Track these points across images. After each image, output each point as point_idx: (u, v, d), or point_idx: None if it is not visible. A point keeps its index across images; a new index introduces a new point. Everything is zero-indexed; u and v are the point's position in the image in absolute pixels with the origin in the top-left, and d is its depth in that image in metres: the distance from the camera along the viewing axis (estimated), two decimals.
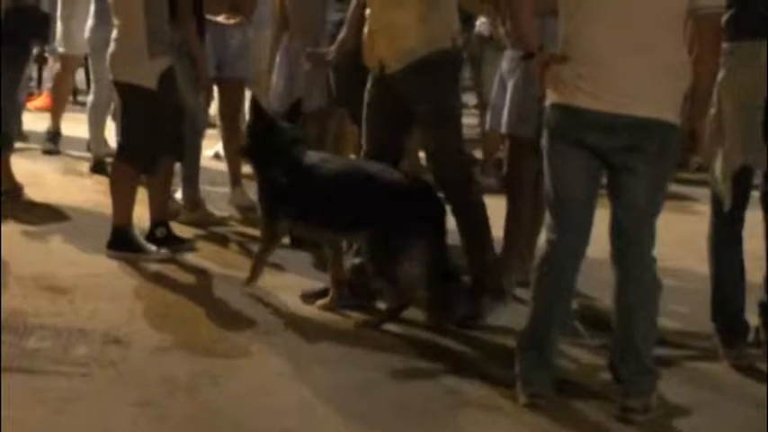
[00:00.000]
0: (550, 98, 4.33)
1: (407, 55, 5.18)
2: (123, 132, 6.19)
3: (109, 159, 7.51)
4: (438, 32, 5.17)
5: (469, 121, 10.63)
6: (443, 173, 5.33)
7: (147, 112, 5.93)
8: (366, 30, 5.39)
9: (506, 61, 5.70)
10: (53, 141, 8.83)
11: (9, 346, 4.64)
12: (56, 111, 8.95)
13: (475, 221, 5.38)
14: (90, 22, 7.86)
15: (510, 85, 5.63)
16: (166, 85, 5.94)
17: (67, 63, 8.82)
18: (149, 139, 5.99)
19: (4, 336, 4.71)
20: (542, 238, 4.59)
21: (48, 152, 8.77)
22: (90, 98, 8.24)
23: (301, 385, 4.50)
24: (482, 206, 5.41)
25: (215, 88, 6.93)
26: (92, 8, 7.81)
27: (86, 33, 7.92)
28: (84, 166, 8.27)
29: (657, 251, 4.35)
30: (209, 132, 7.79)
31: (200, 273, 5.96)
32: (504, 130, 5.74)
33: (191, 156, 6.73)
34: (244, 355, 4.80)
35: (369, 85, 5.43)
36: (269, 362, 4.75)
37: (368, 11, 5.37)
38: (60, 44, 8.83)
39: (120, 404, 4.17)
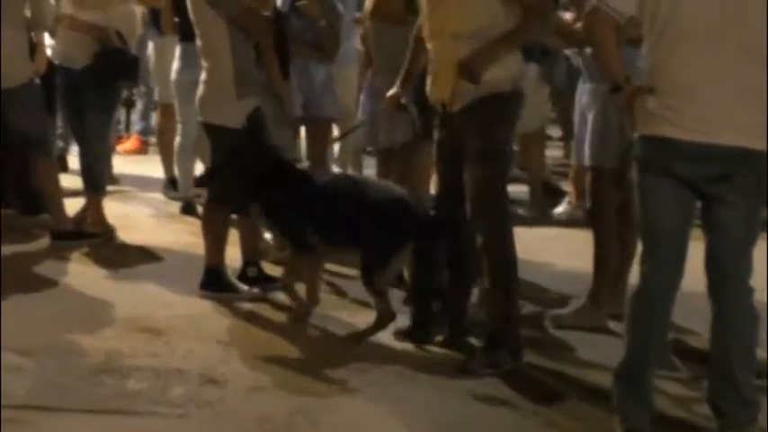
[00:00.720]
0: (639, 130, 4.32)
1: (465, 96, 5.17)
2: (215, 172, 6.25)
3: (198, 200, 7.64)
4: (496, 74, 5.13)
5: (554, 153, 10.70)
6: (474, 207, 5.21)
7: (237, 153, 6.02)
8: (429, 68, 5.42)
9: (585, 94, 5.74)
10: (173, 188, 8.74)
11: (108, 387, 4.71)
12: (166, 159, 8.85)
13: (501, 265, 5.20)
14: (176, 64, 7.98)
15: (590, 117, 5.67)
16: (255, 124, 6.02)
17: (167, 111, 8.81)
18: (240, 179, 6.06)
19: (104, 378, 4.80)
20: (635, 269, 4.56)
21: (173, 198, 8.68)
22: (177, 140, 8.33)
23: (398, 422, 4.51)
24: (511, 251, 5.22)
25: (302, 127, 6.99)
26: (177, 51, 7.93)
27: (172, 75, 8.04)
28: (175, 208, 8.38)
29: (755, 281, 4.30)
30: None
31: (292, 311, 5.98)
32: (586, 162, 5.76)
33: None
34: (339, 393, 4.82)
35: (437, 123, 5.48)
36: (365, 399, 4.76)
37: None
38: (158, 93, 8.96)
39: None
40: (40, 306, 5.83)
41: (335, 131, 7.93)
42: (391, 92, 5.90)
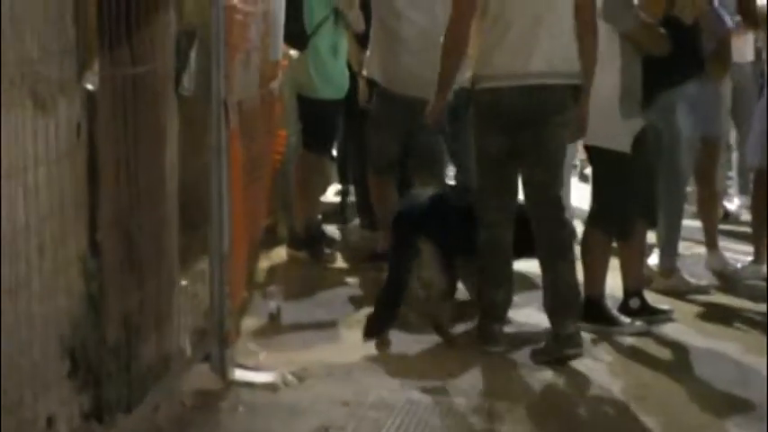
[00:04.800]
0: None
1: None
2: (596, 197, 5.86)
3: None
4: None
5: None
6: None
7: (621, 176, 5.62)
8: None
9: None
10: None
11: None
12: None
13: None
14: None
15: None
16: (639, 146, 5.59)
17: None
18: (623, 204, 5.65)
19: None
20: None
21: None
22: None
23: None
24: None
25: None
26: None
27: None
28: None
29: None
30: None
31: (680, 347, 5.51)
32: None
33: (671, 219, 6.34)
34: None
35: None
36: None
37: None
38: None
39: None
40: None
41: None
42: None
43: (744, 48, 8.20)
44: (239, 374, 4.61)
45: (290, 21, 6.16)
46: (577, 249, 5.57)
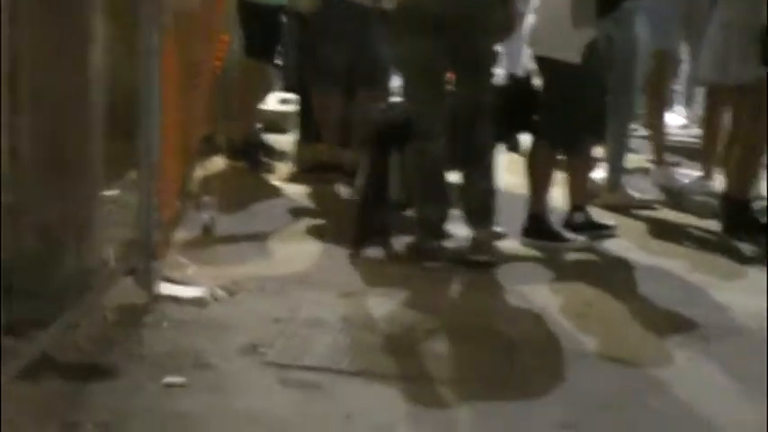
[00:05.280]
0: None
1: None
2: (544, 110, 5.63)
3: None
4: None
5: None
6: None
7: (571, 89, 5.44)
8: None
9: None
10: None
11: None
12: None
13: None
14: None
15: None
16: (591, 59, 5.42)
17: None
18: (572, 118, 5.50)
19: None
20: None
21: None
22: None
23: (742, 402, 3.88)
24: None
25: None
26: None
27: None
28: None
29: None
30: None
31: (624, 264, 5.40)
32: None
33: (619, 133, 6.21)
34: (671, 365, 4.21)
35: None
36: (702, 374, 4.14)
37: None
38: None
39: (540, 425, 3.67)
40: None
41: None
42: None
43: None
44: (166, 288, 4.42)
45: None
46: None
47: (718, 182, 6.49)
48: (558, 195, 5.80)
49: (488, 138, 5.25)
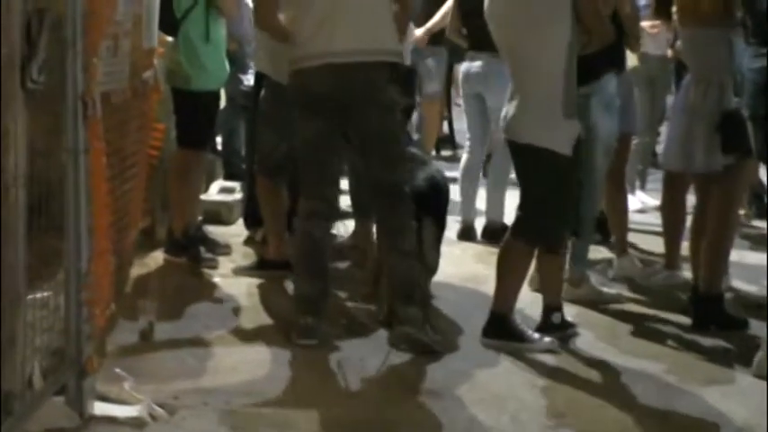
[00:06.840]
0: None
1: None
2: (524, 204, 5.18)
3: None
4: None
5: None
6: None
7: (560, 182, 5.07)
8: None
9: None
10: None
11: None
12: None
13: None
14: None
15: None
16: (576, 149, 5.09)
17: None
18: (555, 212, 5.14)
19: None
20: None
21: None
22: (464, 158, 7.60)
23: None
24: None
25: None
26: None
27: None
28: (452, 232, 7.33)
29: None
30: None
31: (599, 364, 5.04)
32: None
33: (585, 224, 5.87)
34: None
35: None
36: None
37: None
38: None
39: None
40: None
41: None
42: None
43: (659, 40, 8.16)
44: (100, 408, 4.00)
45: (161, 4, 5.57)
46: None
47: (684, 270, 6.21)
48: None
49: (405, 219, 5.12)
